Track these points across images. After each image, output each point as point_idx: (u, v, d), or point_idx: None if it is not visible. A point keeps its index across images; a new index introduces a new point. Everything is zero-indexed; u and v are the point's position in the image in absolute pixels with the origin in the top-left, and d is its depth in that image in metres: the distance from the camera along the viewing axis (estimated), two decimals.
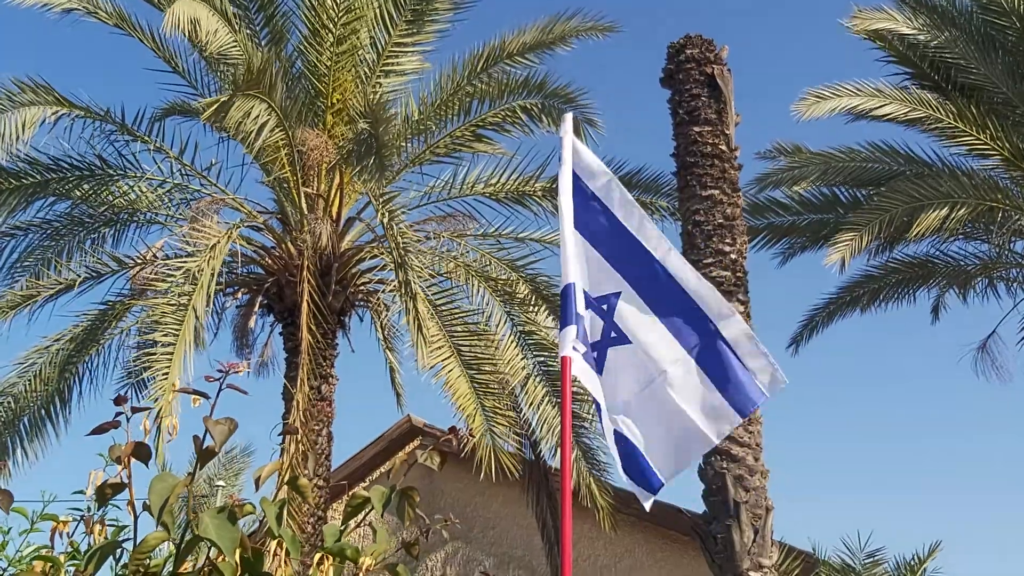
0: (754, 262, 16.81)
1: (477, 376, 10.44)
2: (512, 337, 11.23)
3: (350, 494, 2.96)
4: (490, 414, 10.20)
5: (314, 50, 11.46)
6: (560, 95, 11.38)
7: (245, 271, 11.68)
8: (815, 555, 11.47)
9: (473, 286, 11.21)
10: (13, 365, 11.43)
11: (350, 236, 11.86)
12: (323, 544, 2.80)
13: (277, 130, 10.41)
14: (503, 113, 11.71)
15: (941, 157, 12.99)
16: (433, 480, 13.63)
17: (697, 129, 9.47)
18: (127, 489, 2.60)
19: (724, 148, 9.45)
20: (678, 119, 9.66)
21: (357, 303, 11.98)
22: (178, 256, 10.59)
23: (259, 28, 12.00)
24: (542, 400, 10.94)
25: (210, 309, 10.73)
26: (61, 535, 2.83)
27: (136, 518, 2.58)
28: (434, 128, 11.89)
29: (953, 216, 11.39)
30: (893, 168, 13.03)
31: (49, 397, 11.39)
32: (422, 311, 9.37)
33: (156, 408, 8.29)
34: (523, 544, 13.67)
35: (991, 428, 39.14)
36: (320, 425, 10.98)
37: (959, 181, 11.80)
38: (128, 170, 11.50)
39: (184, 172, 11.60)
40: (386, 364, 12.66)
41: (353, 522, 2.90)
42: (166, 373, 8.86)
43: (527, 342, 11.27)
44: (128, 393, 11.51)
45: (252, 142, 10.49)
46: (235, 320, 11.89)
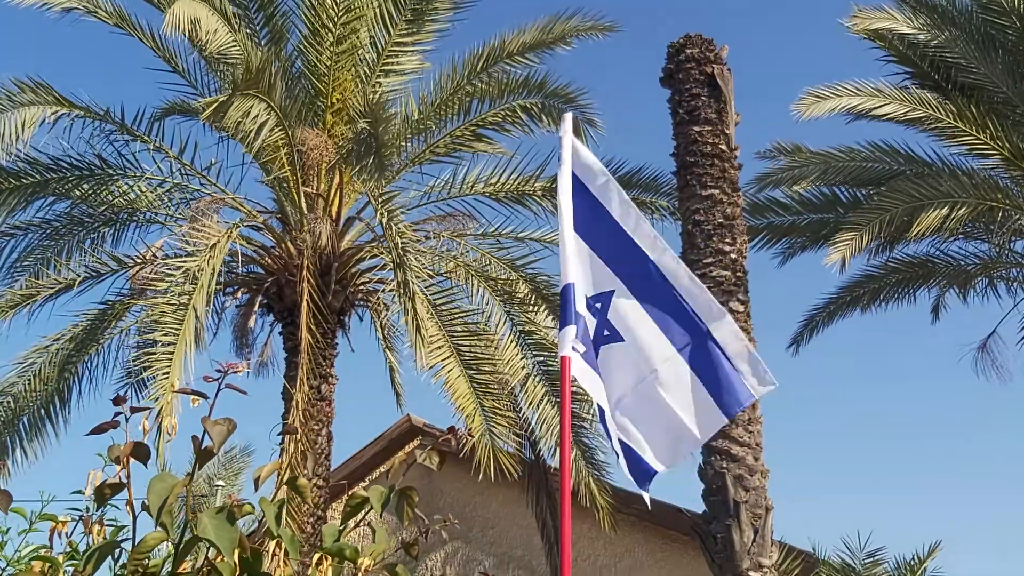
0: (754, 262, 16.81)
1: (477, 376, 10.43)
2: (512, 337, 11.22)
3: (349, 494, 2.96)
4: (489, 414, 10.19)
5: (314, 49, 11.45)
6: (560, 95, 11.37)
7: (245, 271, 11.67)
8: (815, 555, 11.47)
9: (473, 286, 11.20)
10: (13, 365, 11.44)
11: (350, 236, 11.85)
12: (322, 544, 2.80)
13: (276, 130, 10.41)
14: (503, 113, 11.69)
15: (941, 157, 13.00)
16: (433, 480, 13.63)
17: (697, 129, 9.47)
18: (126, 489, 2.60)
19: (724, 148, 9.45)
20: (678, 119, 9.66)
21: (357, 303, 11.98)
22: (178, 256, 10.59)
23: (259, 28, 11.99)
24: (542, 400, 10.93)
25: (210, 309, 10.72)
26: (60, 535, 2.83)
27: (135, 518, 2.58)
28: (434, 128, 11.88)
29: (953, 216, 11.39)
30: (893, 168, 13.02)
31: (49, 397, 11.38)
32: (420, 311, 9.37)
33: (156, 408, 8.30)
34: (523, 544, 13.67)
35: (991, 428, 39.17)
36: (320, 425, 10.97)
37: (959, 181, 11.80)
38: (128, 170, 11.50)
39: (184, 172, 11.60)
40: (386, 364, 12.67)
41: (352, 522, 2.89)
42: (166, 373, 8.85)
43: (527, 342, 11.26)
44: (128, 393, 11.50)
45: (251, 142, 10.49)
46: (235, 320, 11.90)
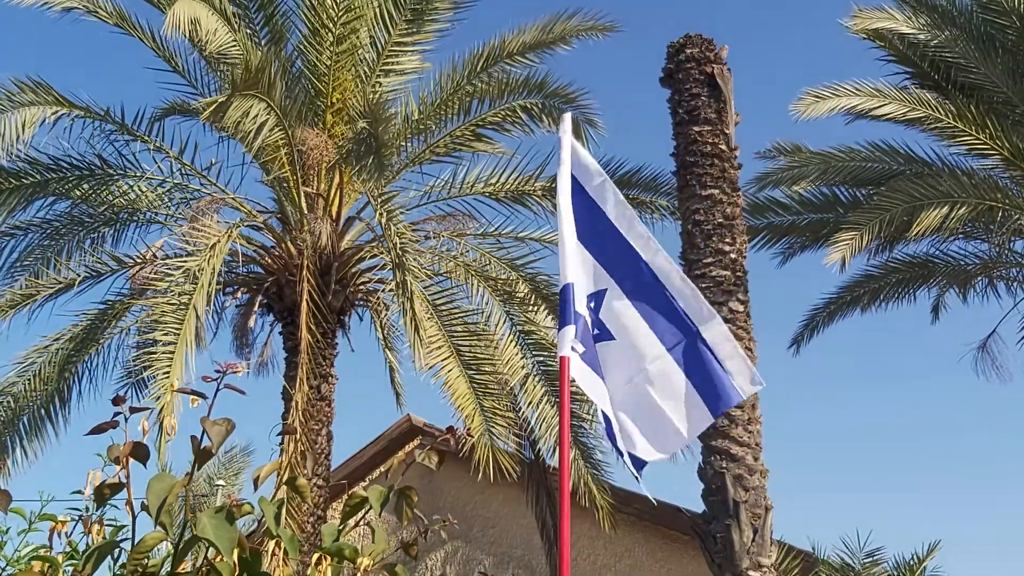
0: (754, 262, 16.82)
1: (476, 376, 10.43)
2: (511, 336, 11.21)
3: (349, 494, 2.96)
4: (489, 414, 10.19)
5: (314, 49, 11.45)
6: (560, 95, 11.37)
7: (245, 270, 11.68)
8: (815, 554, 11.46)
9: (473, 286, 11.19)
10: (12, 364, 11.44)
11: (350, 235, 11.86)
12: (321, 544, 2.80)
13: (276, 129, 10.41)
14: (503, 113, 11.69)
15: (941, 157, 12.99)
16: (433, 479, 13.63)
17: (697, 128, 9.46)
18: (125, 489, 2.61)
19: (724, 147, 9.45)
20: (678, 118, 9.66)
21: (357, 302, 11.98)
22: (178, 256, 10.59)
23: (259, 28, 11.99)
24: (541, 400, 10.93)
25: (210, 309, 10.72)
26: (59, 535, 2.83)
27: (134, 518, 2.58)
28: (434, 127, 11.87)
29: (953, 215, 11.38)
30: (893, 168, 13.02)
31: (49, 397, 11.38)
32: (419, 311, 9.36)
33: (158, 407, 8.30)
34: (523, 543, 13.68)
35: (991, 428, 39.15)
36: (320, 425, 10.97)
37: (959, 180, 11.79)
38: (128, 170, 11.50)
39: (184, 172, 11.61)
40: (386, 364, 12.67)
41: (352, 522, 2.90)
42: (167, 372, 8.86)
43: (526, 342, 11.26)
44: (128, 393, 11.51)
45: (251, 142, 10.48)
46: (235, 320, 11.90)
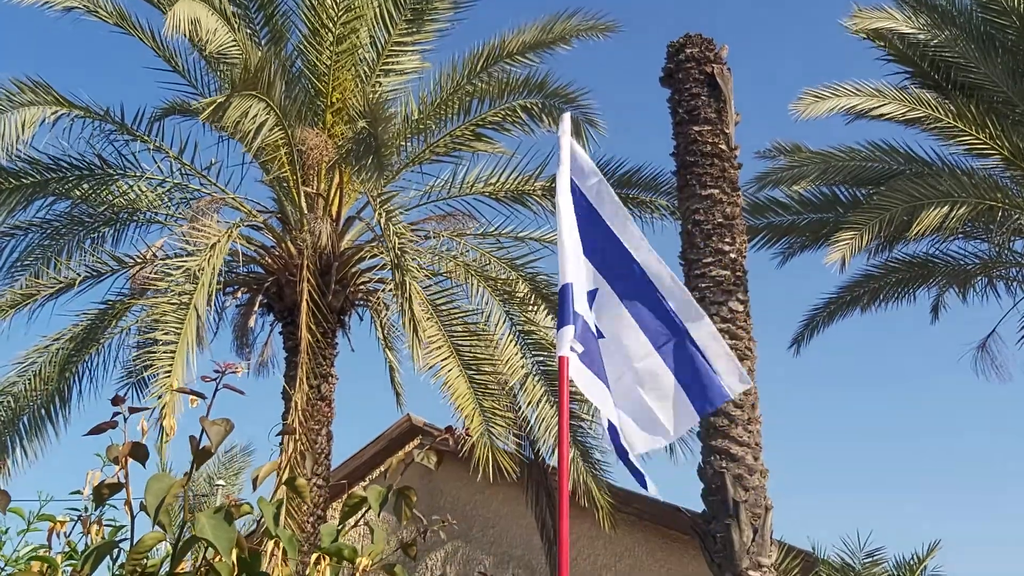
0: (754, 261, 16.83)
1: (476, 376, 10.43)
2: (511, 336, 11.21)
3: (348, 493, 2.96)
4: (489, 414, 10.18)
5: (314, 49, 11.45)
6: (561, 95, 11.35)
7: (245, 270, 11.69)
8: (814, 554, 11.47)
9: (472, 286, 11.20)
10: (13, 364, 11.44)
11: (350, 235, 11.86)
12: (320, 544, 2.80)
13: (276, 129, 10.41)
14: (503, 112, 11.68)
15: (941, 156, 12.98)
16: (433, 479, 13.65)
17: (697, 128, 9.47)
18: (124, 489, 2.61)
19: (724, 147, 9.46)
20: (678, 118, 9.67)
21: (357, 302, 11.98)
22: (178, 256, 10.60)
23: (259, 27, 11.99)
24: (540, 400, 10.93)
25: (210, 309, 10.72)
26: (58, 535, 2.83)
27: (133, 518, 2.58)
28: (434, 127, 11.87)
29: (953, 215, 11.37)
30: (893, 167, 13.01)
31: (49, 396, 11.38)
32: (418, 312, 9.36)
33: (159, 406, 8.30)
34: (523, 543, 13.68)
35: (991, 427, 39.15)
36: (319, 424, 10.97)
37: (959, 180, 11.79)
38: (128, 169, 11.51)
39: (184, 171, 11.61)
40: (386, 363, 12.68)
41: (351, 522, 2.90)
42: (168, 371, 8.87)
43: (526, 341, 11.25)
44: (128, 393, 11.52)
45: (251, 141, 10.48)
46: (235, 319, 11.91)
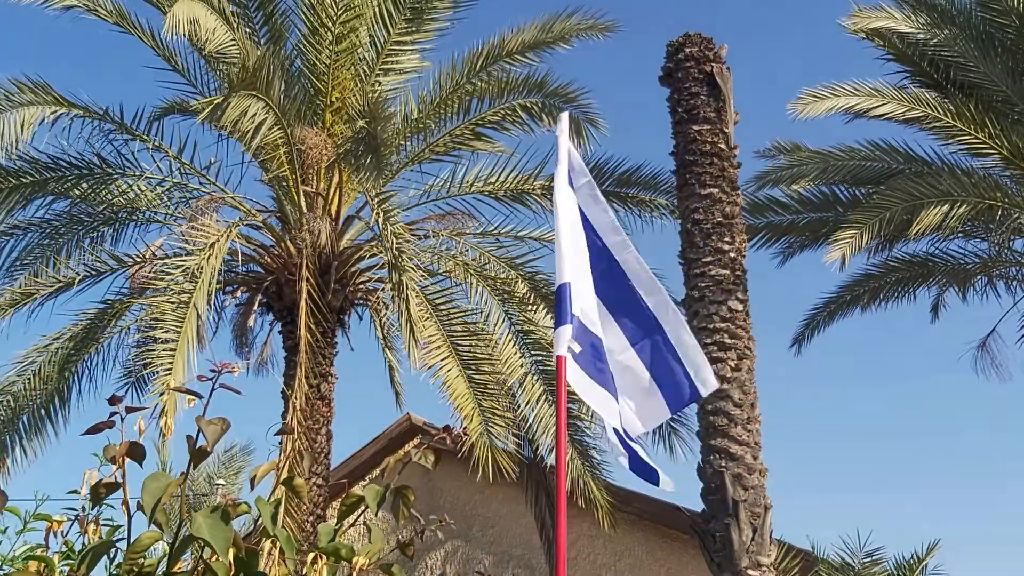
0: (753, 261, 16.82)
1: (475, 376, 10.43)
2: (510, 336, 11.21)
3: (346, 493, 2.96)
4: (488, 414, 10.18)
5: (313, 48, 11.44)
6: (560, 94, 11.33)
7: (244, 269, 11.68)
8: (814, 553, 11.44)
9: (472, 285, 11.19)
10: (12, 364, 11.45)
11: (349, 234, 11.86)
12: (318, 543, 2.80)
13: (275, 128, 10.41)
14: (503, 112, 11.67)
15: (940, 155, 12.97)
16: (432, 479, 13.65)
17: (696, 127, 9.46)
18: (121, 489, 2.60)
19: (723, 146, 9.45)
20: (677, 117, 9.66)
21: (357, 301, 11.98)
22: (177, 255, 10.60)
23: (258, 27, 11.99)
24: (539, 399, 10.93)
25: (210, 308, 10.72)
26: (56, 534, 2.83)
27: (130, 518, 2.58)
28: (433, 127, 11.86)
29: (953, 214, 11.36)
30: (892, 166, 13.01)
31: (48, 396, 11.38)
32: (414, 312, 9.35)
33: (161, 404, 8.30)
34: (522, 543, 13.68)
35: (991, 427, 39.14)
36: (319, 424, 10.97)
37: (958, 179, 11.78)
38: (127, 169, 11.51)
39: (183, 171, 11.61)
40: (385, 363, 12.68)
41: (348, 521, 2.90)
42: (168, 369, 8.87)
43: (524, 341, 11.25)
44: (128, 392, 11.54)
45: (250, 141, 10.47)
46: (234, 319, 11.91)
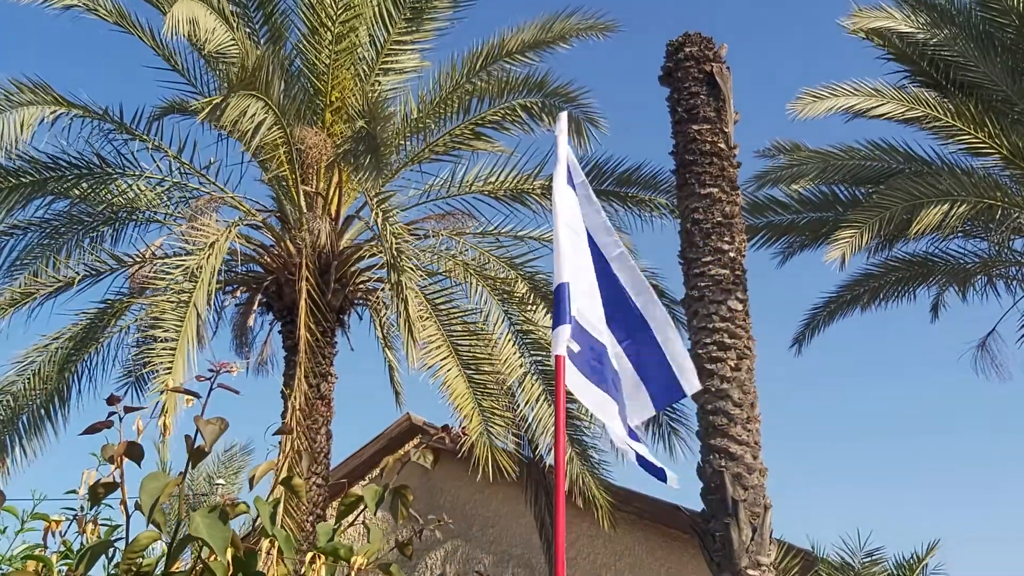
0: (753, 261, 16.82)
1: (475, 376, 10.43)
2: (509, 335, 11.20)
3: (345, 493, 2.96)
4: (488, 414, 10.18)
5: (313, 48, 11.44)
6: (560, 94, 11.32)
7: (244, 269, 11.69)
8: (814, 553, 11.44)
9: (471, 285, 11.19)
10: (12, 363, 11.44)
11: (349, 234, 11.85)
12: (315, 543, 2.80)
13: (275, 128, 10.41)
14: (503, 111, 11.66)
15: (940, 155, 12.97)
16: (432, 479, 13.65)
17: (696, 127, 9.45)
18: (120, 488, 2.60)
19: (723, 146, 9.44)
20: (677, 117, 9.65)
21: (356, 301, 11.98)
22: (177, 254, 10.60)
23: (258, 26, 11.98)
24: (538, 399, 10.92)
25: (210, 308, 10.72)
26: (54, 534, 2.83)
27: (128, 517, 2.58)
28: (433, 126, 11.85)
29: (952, 213, 11.36)
30: (892, 166, 13.01)
31: (48, 396, 11.38)
32: (413, 313, 9.34)
33: (162, 403, 8.30)
34: (522, 542, 13.69)
35: (990, 426, 39.13)
36: (318, 424, 10.97)
37: (958, 179, 11.78)
38: (127, 168, 11.51)
39: (183, 170, 11.62)
40: (385, 362, 12.69)
41: (347, 521, 2.90)
42: (168, 368, 8.88)
43: (524, 341, 11.25)
44: (128, 392, 11.54)
45: (249, 140, 10.48)
46: (234, 318, 11.91)
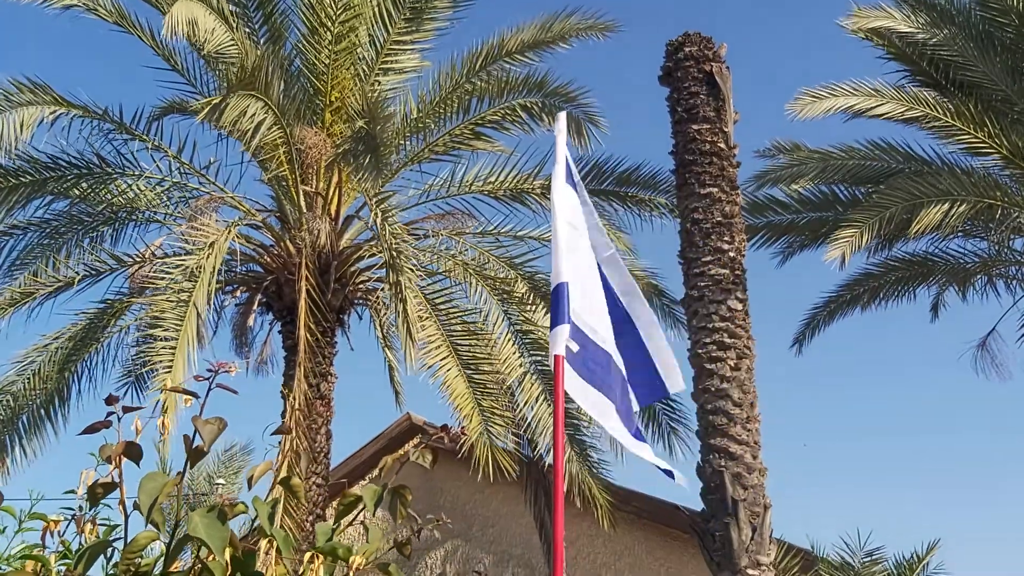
0: (753, 260, 16.81)
1: (475, 376, 10.43)
2: (509, 335, 11.20)
3: (343, 493, 2.97)
4: (487, 414, 10.18)
5: (312, 48, 11.45)
6: (560, 94, 11.32)
7: (244, 269, 11.69)
8: (814, 552, 11.44)
9: (471, 285, 11.19)
10: (11, 363, 11.45)
11: (349, 234, 11.86)
12: (315, 543, 2.80)
13: (274, 128, 10.41)
14: (502, 111, 11.66)
15: (940, 155, 12.97)
16: (432, 478, 13.65)
17: (696, 127, 9.45)
18: (118, 488, 2.60)
19: (723, 146, 9.44)
20: (677, 117, 9.64)
21: (356, 301, 11.98)
22: (177, 254, 10.60)
23: (257, 26, 11.98)
24: (538, 399, 10.92)
25: (209, 308, 10.72)
26: (52, 534, 2.83)
27: (127, 517, 2.58)
28: (433, 126, 11.86)
29: (952, 213, 11.36)
30: (892, 166, 13.01)
31: (48, 396, 11.39)
32: (412, 313, 9.35)
33: (162, 402, 8.30)
34: (522, 542, 13.69)
35: (990, 425, 39.14)
36: (318, 424, 10.97)
37: (958, 179, 11.78)
38: (127, 168, 11.51)
39: (183, 170, 11.62)
40: (385, 362, 12.69)
41: (345, 521, 2.90)
42: (168, 367, 8.89)
43: (523, 340, 11.25)
44: (127, 392, 11.54)
45: (249, 140, 10.48)
46: (234, 318, 11.92)
